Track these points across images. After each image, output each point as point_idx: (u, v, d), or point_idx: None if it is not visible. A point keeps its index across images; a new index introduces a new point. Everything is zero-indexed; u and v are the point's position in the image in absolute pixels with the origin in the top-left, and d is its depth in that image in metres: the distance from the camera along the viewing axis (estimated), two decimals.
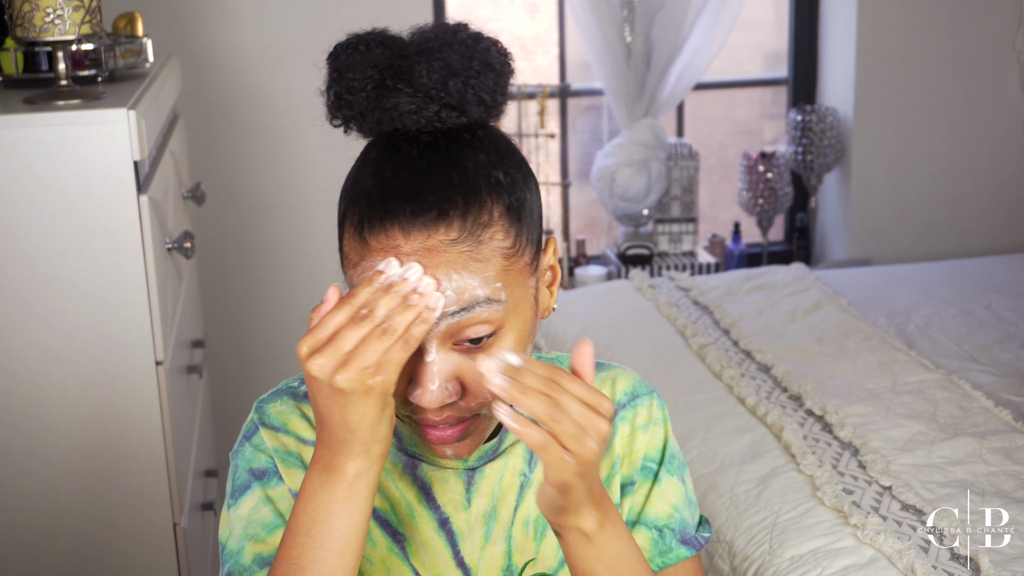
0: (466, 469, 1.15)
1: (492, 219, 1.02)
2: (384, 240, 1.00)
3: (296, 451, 1.12)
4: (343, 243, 1.05)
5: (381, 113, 1.03)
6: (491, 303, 1.01)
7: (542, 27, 3.82)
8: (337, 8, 3.26)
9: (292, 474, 1.12)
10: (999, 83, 3.77)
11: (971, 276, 3.23)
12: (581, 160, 3.88)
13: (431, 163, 1.02)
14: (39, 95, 1.94)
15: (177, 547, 2.00)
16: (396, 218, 1.00)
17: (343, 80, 1.05)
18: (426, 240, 0.99)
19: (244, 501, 1.11)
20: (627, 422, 1.20)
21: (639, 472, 1.19)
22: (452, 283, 0.99)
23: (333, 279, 3.70)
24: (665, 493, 1.19)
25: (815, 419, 2.34)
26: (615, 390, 1.22)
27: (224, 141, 3.29)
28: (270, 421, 1.13)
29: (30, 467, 1.92)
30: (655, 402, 1.22)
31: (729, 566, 2.01)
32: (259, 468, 1.12)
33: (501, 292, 1.02)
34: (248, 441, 1.13)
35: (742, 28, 3.85)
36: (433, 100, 1.02)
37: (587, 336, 2.93)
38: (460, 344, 1.01)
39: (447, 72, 1.02)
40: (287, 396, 1.15)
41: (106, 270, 1.88)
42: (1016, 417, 2.33)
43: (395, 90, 1.02)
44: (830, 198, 3.87)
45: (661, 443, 1.21)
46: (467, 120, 1.04)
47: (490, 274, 1.01)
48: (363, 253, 1.01)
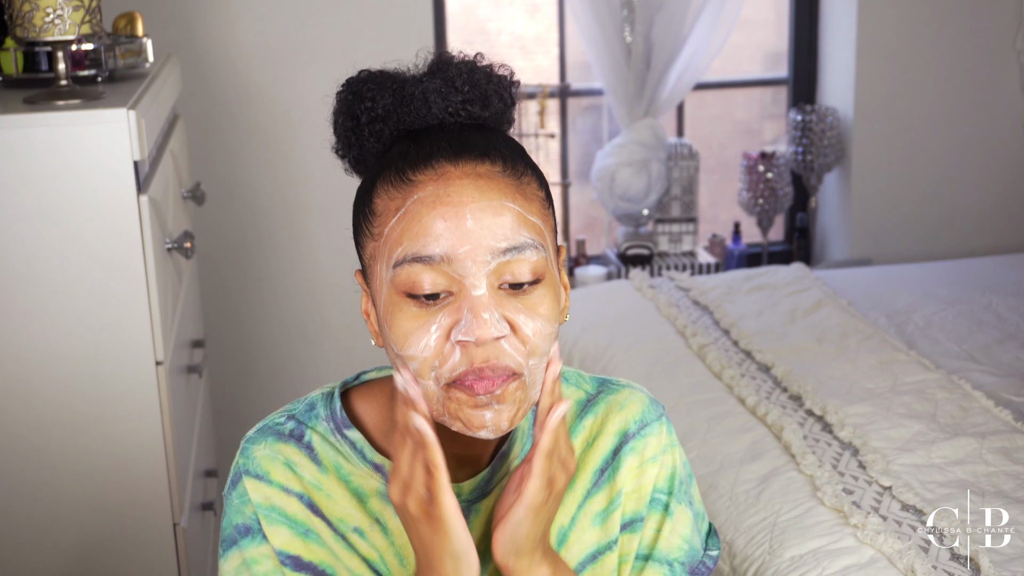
0: (464, 501, 1.13)
1: (528, 173, 1.06)
2: (431, 172, 1.02)
3: (280, 505, 1.11)
4: (373, 205, 1.05)
5: (405, 107, 1.05)
6: (537, 247, 1.02)
7: (542, 27, 3.81)
8: (337, 8, 3.25)
9: (275, 531, 1.10)
10: (999, 83, 3.77)
11: (971, 276, 3.23)
12: (581, 160, 3.88)
13: (466, 131, 1.06)
14: (39, 95, 1.94)
15: (177, 547, 2.00)
16: (442, 153, 1.03)
17: (360, 94, 1.07)
18: (476, 166, 1.02)
19: (230, 557, 1.12)
20: (636, 453, 1.17)
21: (648, 506, 1.18)
22: (507, 212, 1.01)
23: (333, 278, 3.71)
24: (677, 527, 1.18)
25: (815, 419, 2.34)
26: (626, 418, 1.18)
27: (224, 141, 3.29)
28: (254, 469, 1.11)
29: (30, 467, 1.92)
30: (664, 428, 1.19)
31: (729, 566, 2.01)
32: (243, 524, 1.11)
33: (544, 238, 1.05)
34: (234, 489, 1.13)
35: (742, 28, 3.85)
36: (458, 91, 1.05)
37: (587, 336, 2.93)
38: (503, 287, 1.02)
39: (471, 66, 1.07)
40: (272, 437, 1.13)
41: (106, 270, 1.88)
42: (1016, 417, 2.33)
43: (422, 81, 1.06)
44: (830, 198, 3.87)
45: (670, 472, 1.18)
46: (488, 114, 1.08)
47: (536, 215, 1.04)
48: (408, 193, 1.02)
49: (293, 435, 1.12)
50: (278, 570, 1.10)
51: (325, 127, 1.12)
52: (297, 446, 1.12)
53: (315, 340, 3.47)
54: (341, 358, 3.47)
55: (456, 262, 1.00)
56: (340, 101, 1.08)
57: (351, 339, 3.43)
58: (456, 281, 1.00)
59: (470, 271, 1.00)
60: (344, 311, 3.41)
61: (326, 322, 3.46)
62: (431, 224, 1.00)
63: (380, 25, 3.27)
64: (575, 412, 1.19)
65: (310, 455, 1.12)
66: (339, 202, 3.39)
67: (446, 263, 1.00)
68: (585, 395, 1.21)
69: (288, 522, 1.10)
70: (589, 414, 1.19)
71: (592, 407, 1.20)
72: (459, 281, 1.00)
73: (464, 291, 1.00)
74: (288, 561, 1.10)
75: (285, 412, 1.15)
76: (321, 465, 1.12)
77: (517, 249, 1.01)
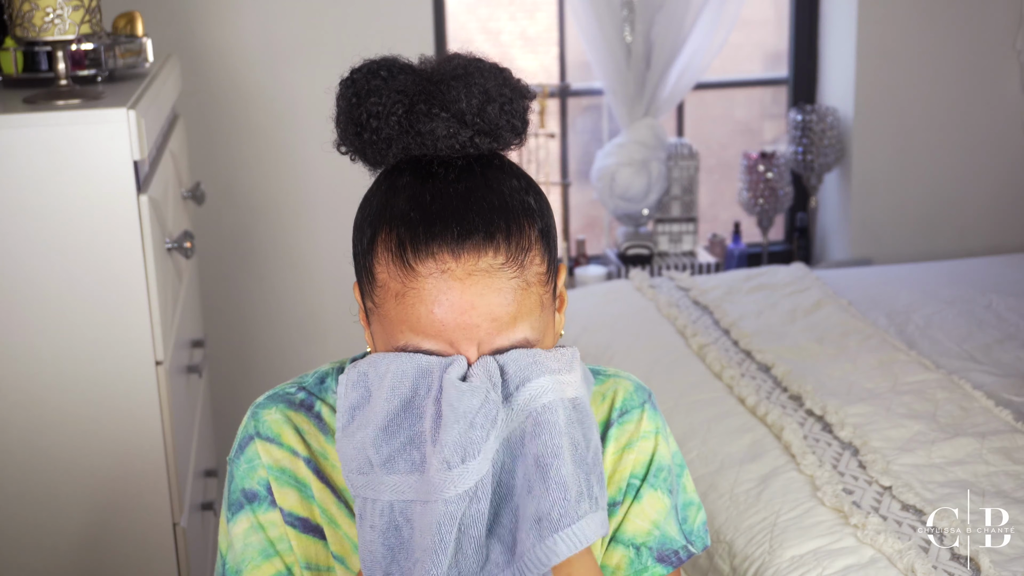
0: None
1: (531, 244, 1.04)
2: (432, 264, 1.01)
3: (290, 467, 1.13)
4: (373, 270, 1.05)
5: (412, 138, 1.03)
6: (531, 333, 1.04)
7: (542, 27, 3.81)
8: (337, 8, 3.25)
9: (285, 493, 1.13)
10: (999, 83, 3.77)
11: (971, 276, 3.23)
12: (581, 160, 3.88)
13: (470, 187, 1.03)
14: (39, 95, 1.94)
15: (177, 547, 2.00)
16: (444, 240, 1.01)
17: (365, 105, 1.05)
18: (477, 262, 1.01)
19: (239, 520, 1.13)
20: (614, 440, 1.19)
21: (623, 492, 1.18)
22: (505, 314, 1.02)
23: (333, 278, 3.71)
24: (645, 510, 1.18)
25: (815, 419, 2.34)
26: (609, 407, 1.20)
27: (224, 141, 3.29)
28: (265, 431, 1.14)
29: (30, 467, 1.92)
30: (644, 415, 1.20)
31: (729, 566, 2.01)
32: (251, 490, 1.13)
33: (540, 317, 1.05)
34: (243, 453, 1.14)
35: (742, 28, 3.85)
36: (468, 126, 1.03)
37: (587, 336, 2.93)
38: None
39: (485, 98, 1.04)
40: (282, 403, 1.15)
41: (106, 270, 1.88)
42: (1016, 417, 2.33)
43: (430, 115, 1.03)
44: (830, 198, 3.87)
45: (647, 458, 1.19)
46: (497, 146, 1.06)
47: (534, 303, 1.04)
48: (407, 280, 1.02)
49: (303, 405, 1.16)
50: (285, 538, 1.13)
51: (325, 127, 1.12)
52: (307, 415, 1.15)
53: (315, 340, 3.47)
54: (341, 357, 3.47)
55: (453, 348, 1.03)
56: (343, 103, 1.07)
57: (351, 339, 3.43)
58: (453, 348, 1.04)
59: (465, 346, 1.03)
60: (344, 311, 3.41)
61: (326, 322, 3.46)
62: (430, 324, 1.02)
63: (380, 25, 3.27)
64: None
65: (319, 425, 1.15)
66: (339, 202, 3.39)
67: (445, 348, 1.03)
68: None
69: (298, 485, 1.14)
70: None
71: None
72: (455, 348, 1.04)
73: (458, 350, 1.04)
74: (297, 523, 1.13)
75: (296, 383, 1.18)
76: (328, 435, 1.15)
77: (510, 344, 1.04)
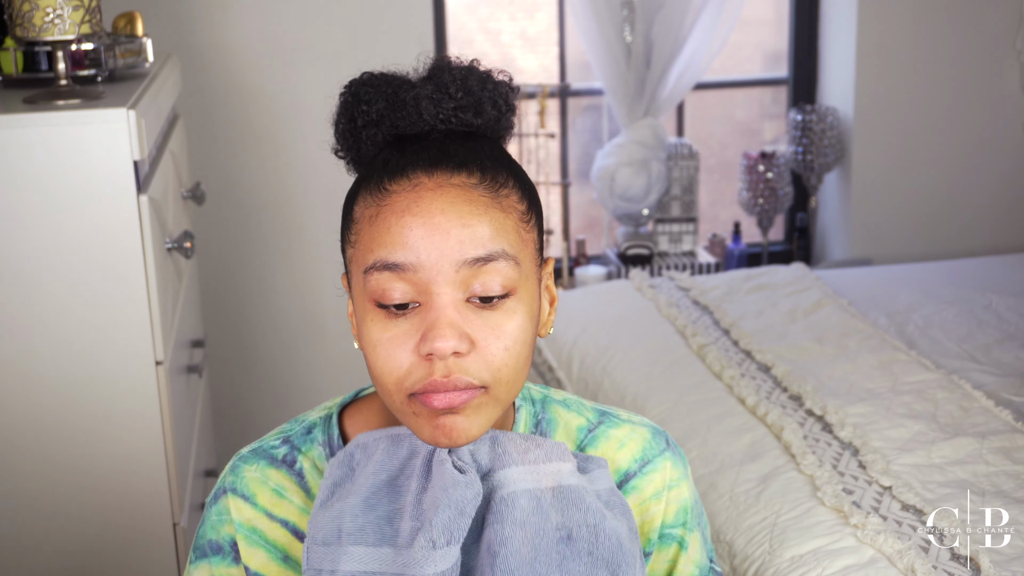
0: None
1: (508, 185, 1.04)
2: (405, 182, 1.01)
3: (261, 529, 1.13)
4: (352, 214, 1.05)
5: (397, 112, 1.04)
6: (509, 258, 1.01)
7: (542, 27, 3.81)
8: (337, 8, 3.25)
9: (253, 552, 1.12)
10: (999, 83, 3.77)
11: (971, 276, 3.23)
12: (581, 160, 3.88)
13: (450, 141, 1.05)
14: (39, 95, 1.94)
15: (177, 547, 2.00)
16: (418, 161, 1.02)
17: (358, 95, 1.07)
18: (450, 178, 1.01)
19: (200, 568, 1.14)
20: (637, 492, 1.15)
21: (658, 541, 1.16)
22: (478, 223, 1.00)
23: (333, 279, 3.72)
24: (692, 555, 1.18)
25: (815, 419, 2.34)
26: (627, 457, 1.16)
27: (224, 141, 3.29)
28: (241, 488, 1.13)
29: (30, 467, 1.92)
30: (668, 463, 1.16)
31: (729, 566, 2.01)
32: (215, 542, 1.13)
33: (519, 251, 1.03)
34: (215, 503, 1.14)
35: (742, 28, 3.85)
36: (451, 97, 1.05)
37: (587, 336, 2.93)
38: (472, 300, 1.01)
39: (467, 71, 1.06)
40: (264, 460, 1.14)
41: (106, 270, 1.88)
42: (1016, 417, 2.33)
43: (415, 86, 1.05)
44: (830, 198, 3.87)
45: (679, 506, 1.16)
46: (481, 121, 1.06)
47: (510, 228, 1.02)
48: (381, 201, 1.02)
49: (285, 461, 1.14)
50: None
51: (325, 127, 1.13)
52: (288, 472, 1.14)
53: (315, 340, 3.47)
54: (341, 358, 3.48)
55: (423, 271, 0.99)
56: (341, 103, 1.09)
57: (350, 339, 3.43)
58: (424, 291, 1.00)
59: (436, 280, 0.99)
60: (344, 311, 3.41)
61: (326, 322, 3.46)
62: (400, 233, 1.00)
63: (380, 25, 3.27)
64: (576, 439, 1.17)
65: (299, 482, 1.14)
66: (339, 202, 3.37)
67: (413, 271, 1.00)
68: (586, 422, 1.18)
69: (267, 546, 1.13)
70: (589, 447, 1.16)
71: (592, 440, 1.17)
72: (426, 291, 1.00)
73: (431, 301, 1.00)
74: None
75: (281, 434, 1.16)
76: (309, 493, 1.14)
77: (485, 260, 1.00)
